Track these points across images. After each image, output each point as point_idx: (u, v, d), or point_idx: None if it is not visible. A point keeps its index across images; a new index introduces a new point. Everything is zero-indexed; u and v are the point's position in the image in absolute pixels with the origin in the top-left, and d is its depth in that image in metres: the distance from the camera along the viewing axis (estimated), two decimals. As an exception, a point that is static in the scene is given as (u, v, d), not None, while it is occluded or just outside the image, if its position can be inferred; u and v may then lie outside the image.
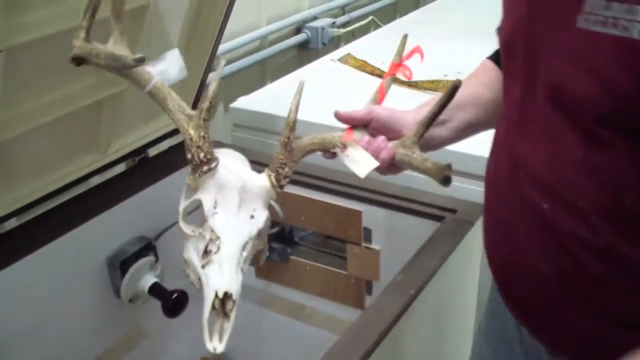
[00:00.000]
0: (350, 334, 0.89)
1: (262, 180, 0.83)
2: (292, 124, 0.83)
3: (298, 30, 2.41)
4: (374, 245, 1.29)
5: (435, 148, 0.94)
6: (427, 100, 0.94)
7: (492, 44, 0.90)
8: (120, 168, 1.39)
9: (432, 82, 1.69)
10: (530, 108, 0.74)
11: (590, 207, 0.70)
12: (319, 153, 0.90)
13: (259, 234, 0.83)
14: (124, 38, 0.82)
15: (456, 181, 1.35)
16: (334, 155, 0.89)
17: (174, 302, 1.28)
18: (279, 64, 2.28)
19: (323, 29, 2.39)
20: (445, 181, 0.85)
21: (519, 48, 0.75)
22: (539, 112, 0.73)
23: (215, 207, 0.80)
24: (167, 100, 0.81)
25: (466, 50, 1.51)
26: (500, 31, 0.84)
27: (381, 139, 0.88)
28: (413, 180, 1.38)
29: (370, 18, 2.65)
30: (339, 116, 0.90)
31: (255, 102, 1.65)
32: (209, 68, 1.44)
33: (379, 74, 1.79)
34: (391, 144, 0.87)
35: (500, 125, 0.86)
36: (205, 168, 0.79)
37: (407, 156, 0.86)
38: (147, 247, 1.33)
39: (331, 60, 1.95)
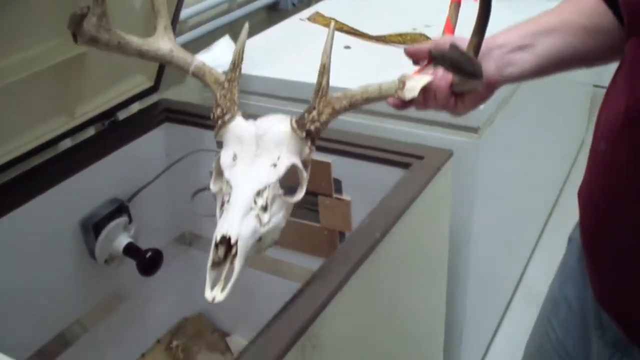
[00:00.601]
0: (313, 279, 0.90)
1: (283, 125, 0.79)
2: (323, 69, 0.79)
3: (267, -9, 2.39)
4: (345, 196, 1.31)
5: (517, 79, 0.82)
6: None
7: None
8: (91, 132, 1.39)
9: (400, 35, 1.69)
10: None
11: None
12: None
13: (299, 183, 0.80)
14: (167, 32, 0.88)
15: (422, 129, 1.37)
16: (400, 100, 0.80)
17: (148, 260, 1.30)
18: (249, 26, 2.26)
19: (292, -11, 2.37)
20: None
21: None
22: None
23: (234, 160, 0.78)
24: (207, 76, 0.86)
25: (434, 4, 1.50)
26: None
27: (442, 70, 0.78)
28: (379, 129, 1.39)
29: (340, -23, 2.63)
30: (407, 51, 0.84)
31: (225, 63, 1.65)
32: (173, 32, 1.42)
33: (347, 30, 1.79)
34: None
35: (613, 99, 0.74)
36: (219, 122, 0.81)
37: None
38: (120, 209, 1.34)
39: (300, 19, 1.94)
